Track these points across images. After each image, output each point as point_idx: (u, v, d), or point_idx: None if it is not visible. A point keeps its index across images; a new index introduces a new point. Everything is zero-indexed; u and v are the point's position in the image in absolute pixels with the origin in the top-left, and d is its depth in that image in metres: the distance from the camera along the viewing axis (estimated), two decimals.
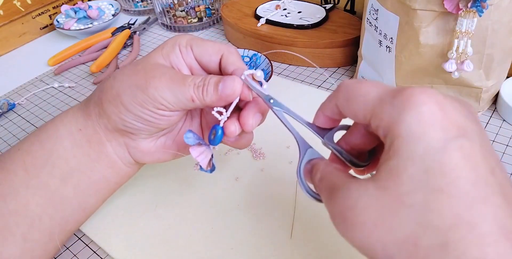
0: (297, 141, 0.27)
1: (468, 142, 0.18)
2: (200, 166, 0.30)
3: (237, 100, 0.29)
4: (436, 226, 0.17)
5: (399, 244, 0.18)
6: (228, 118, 0.29)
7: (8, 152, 0.33)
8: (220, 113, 0.29)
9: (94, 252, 0.36)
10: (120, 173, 0.34)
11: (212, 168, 0.30)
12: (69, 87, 0.60)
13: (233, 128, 0.29)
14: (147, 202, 0.39)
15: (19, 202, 0.30)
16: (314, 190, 0.25)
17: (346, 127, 0.26)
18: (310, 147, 0.27)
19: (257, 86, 0.28)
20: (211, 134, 0.29)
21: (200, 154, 0.30)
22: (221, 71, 0.31)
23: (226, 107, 0.29)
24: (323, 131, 0.26)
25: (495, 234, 0.17)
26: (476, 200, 0.17)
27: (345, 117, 0.24)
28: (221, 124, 0.29)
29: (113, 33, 0.69)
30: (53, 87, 0.60)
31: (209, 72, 0.32)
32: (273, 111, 0.28)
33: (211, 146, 0.30)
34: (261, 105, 0.30)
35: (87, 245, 0.37)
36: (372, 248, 0.18)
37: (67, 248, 0.37)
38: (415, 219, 0.18)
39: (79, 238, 0.38)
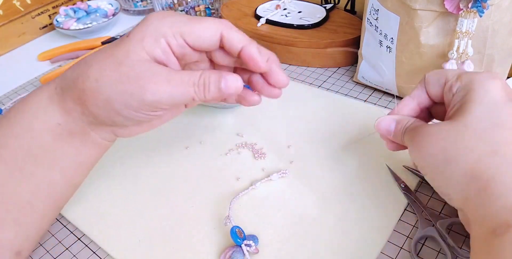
0: None
1: None
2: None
3: None
4: (490, 141, 0.26)
5: (459, 150, 0.26)
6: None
7: None
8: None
9: (94, 252, 0.36)
10: (105, 148, 0.34)
11: None
12: None
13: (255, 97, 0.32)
14: (147, 202, 0.39)
15: (5, 193, 0.30)
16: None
17: None
18: None
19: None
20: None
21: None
22: (223, 49, 0.30)
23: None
24: None
25: None
26: None
27: (427, 98, 0.33)
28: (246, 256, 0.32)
29: (103, 42, 0.68)
30: None
31: (207, 53, 0.32)
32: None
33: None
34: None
35: (86, 246, 0.37)
36: (435, 155, 0.27)
37: (67, 249, 0.37)
38: (475, 136, 0.26)
39: (79, 238, 0.37)
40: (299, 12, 0.62)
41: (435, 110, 0.34)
